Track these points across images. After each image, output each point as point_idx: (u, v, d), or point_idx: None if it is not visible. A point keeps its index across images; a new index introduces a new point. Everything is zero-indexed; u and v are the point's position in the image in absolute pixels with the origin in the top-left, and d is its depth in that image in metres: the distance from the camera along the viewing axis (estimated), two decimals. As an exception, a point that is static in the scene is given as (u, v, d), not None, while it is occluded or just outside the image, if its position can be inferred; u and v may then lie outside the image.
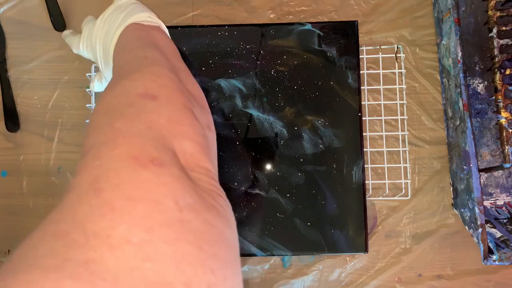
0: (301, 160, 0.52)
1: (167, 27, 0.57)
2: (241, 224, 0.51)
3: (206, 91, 0.53)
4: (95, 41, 0.43)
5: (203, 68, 0.53)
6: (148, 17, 0.41)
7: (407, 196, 0.55)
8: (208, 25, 0.55)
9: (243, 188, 0.52)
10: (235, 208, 0.51)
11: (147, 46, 0.36)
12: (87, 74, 0.57)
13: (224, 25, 0.54)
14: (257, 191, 0.51)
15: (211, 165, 0.29)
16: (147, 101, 0.28)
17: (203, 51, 0.54)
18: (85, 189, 0.23)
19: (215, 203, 0.26)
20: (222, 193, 0.29)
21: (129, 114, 0.27)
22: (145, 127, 0.26)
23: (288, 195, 0.51)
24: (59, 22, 0.59)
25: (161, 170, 0.24)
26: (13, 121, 0.58)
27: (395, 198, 0.55)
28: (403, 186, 0.55)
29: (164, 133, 0.27)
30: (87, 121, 0.56)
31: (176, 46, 0.54)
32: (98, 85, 0.47)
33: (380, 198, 0.56)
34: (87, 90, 0.57)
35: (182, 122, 0.28)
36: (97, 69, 0.56)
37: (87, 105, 0.56)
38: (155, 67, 0.32)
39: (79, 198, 0.22)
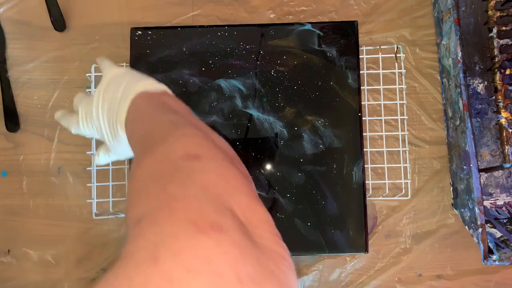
0: (301, 160, 0.52)
1: (167, 27, 0.57)
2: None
3: (206, 92, 0.53)
4: (97, 117, 0.42)
5: (203, 69, 0.53)
6: (152, 84, 0.40)
7: (407, 196, 0.55)
8: (208, 25, 0.55)
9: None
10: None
11: (165, 111, 0.36)
12: (87, 75, 0.57)
13: (224, 25, 0.54)
14: (257, 191, 0.51)
15: (269, 215, 0.29)
16: (192, 162, 0.28)
17: (203, 51, 0.54)
18: (143, 256, 0.22)
19: (277, 269, 0.26)
20: (285, 251, 0.28)
21: (180, 178, 0.26)
22: (199, 189, 0.26)
23: (288, 195, 0.51)
24: (59, 22, 0.59)
25: (221, 237, 0.23)
26: (13, 121, 0.58)
27: (395, 198, 0.55)
28: (403, 186, 0.55)
29: (218, 191, 0.26)
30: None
31: (176, 47, 0.54)
32: (104, 158, 0.45)
33: (380, 198, 0.56)
34: (87, 90, 0.57)
35: (231, 177, 0.28)
36: (98, 144, 0.53)
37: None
38: (185, 129, 0.32)
39: (136, 266, 0.22)
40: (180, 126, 0.32)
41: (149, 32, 0.54)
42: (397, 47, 0.57)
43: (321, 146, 0.52)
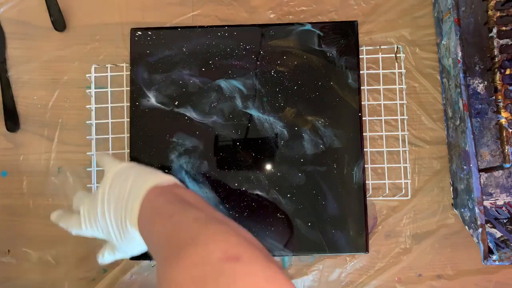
0: (301, 160, 0.52)
1: (167, 27, 0.57)
2: (242, 225, 0.51)
3: (206, 92, 0.53)
4: (102, 216, 0.40)
5: (203, 69, 0.53)
6: (161, 177, 0.40)
7: (407, 196, 0.55)
8: (208, 26, 0.55)
9: (243, 189, 0.52)
10: (236, 209, 0.51)
11: (185, 207, 0.35)
12: (87, 75, 0.57)
13: (224, 26, 0.54)
14: (257, 191, 0.51)
15: None
16: (233, 264, 0.27)
17: (203, 51, 0.54)
18: None
19: None
20: None
21: (225, 284, 0.26)
22: None
23: (288, 195, 0.51)
24: (59, 22, 0.59)
25: None
26: (13, 121, 0.58)
27: (395, 198, 0.55)
28: (403, 186, 0.55)
29: None
30: (88, 122, 0.56)
31: (176, 48, 0.54)
32: (109, 257, 0.43)
33: (380, 198, 0.56)
34: (87, 91, 0.57)
35: (276, 277, 0.28)
36: (105, 244, 0.48)
37: (87, 106, 0.56)
38: (213, 226, 0.31)
39: None
40: (207, 224, 0.32)
41: (149, 33, 0.54)
42: (397, 47, 0.57)
43: (321, 146, 0.52)
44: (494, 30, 0.52)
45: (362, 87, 0.55)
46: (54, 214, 0.45)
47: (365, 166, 0.53)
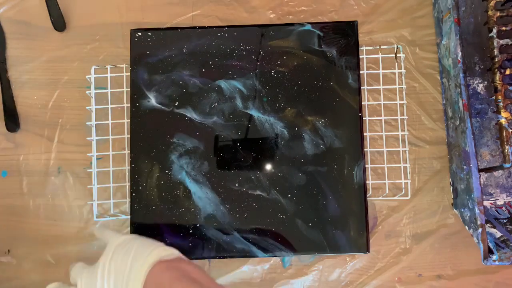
0: (302, 160, 0.52)
1: (167, 28, 0.57)
2: (243, 225, 0.51)
3: (206, 93, 0.53)
4: None
5: (203, 69, 0.53)
6: (165, 251, 0.39)
7: (407, 196, 0.55)
8: (207, 26, 0.54)
9: (244, 189, 0.52)
10: (237, 209, 0.51)
11: (192, 285, 0.36)
12: (87, 77, 0.57)
13: (224, 26, 0.54)
14: (258, 192, 0.51)
15: None
16: None
17: (203, 52, 0.54)
18: None
19: None
20: None
21: None
22: None
23: (289, 195, 0.51)
24: (59, 22, 0.59)
25: None
26: (13, 121, 0.58)
27: (395, 198, 0.55)
28: (403, 186, 0.55)
29: None
30: (88, 123, 0.56)
31: (176, 48, 0.54)
32: None
33: (380, 198, 0.56)
34: (87, 92, 0.57)
35: None
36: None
37: (87, 107, 0.56)
38: None
39: None
40: None
41: (149, 34, 0.54)
42: (397, 47, 0.57)
43: (321, 146, 0.52)
44: (494, 30, 0.52)
45: (362, 87, 0.55)
46: (51, 286, 0.43)
47: (365, 166, 0.53)
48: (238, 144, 0.52)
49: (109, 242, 0.42)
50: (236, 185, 0.52)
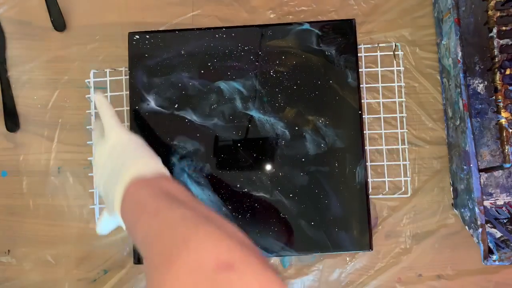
0: (303, 160, 0.52)
1: (165, 30, 0.56)
2: (246, 226, 0.51)
3: (206, 94, 0.53)
4: (99, 183, 0.41)
5: (203, 71, 0.53)
6: (146, 165, 0.38)
7: (407, 193, 0.55)
8: (206, 28, 0.54)
9: (246, 190, 0.51)
10: (239, 210, 0.51)
11: (172, 204, 0.33)
12: (86, 81, 0.57)
13: (222, 27, 0.54)
14: (260, 193, 0.51)
15: None
16: (228, 274, 0.26)
17: (202, 53, 0.54)
18: None
19: None
20: None
21: None
22: None
23: (291, 195, 0.51)
24: (59, 22, 0.59)
25: None
26: (13, 121, 0.58)
27: (395, 196, 0.55)
28: (403, 184, 0.55)
29: None
30: (88, 127, 0.56)
31: (175, 50, 0.54)
32: (106, 223, 0.43)
33: (380, 196, 0.56)
34: (87, 96, 0.57)
35: (271, 279, 0.27)
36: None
37: (87, 111, 0.56)
38: (204, 228, 0.30)
39: None
40: (197, 225, 0.30)
41: (147, 36, 0.54)
42: (395, 45, 0.57)
43: (322, 146, 0.52)
44: (494, 30, 0.52)
45: (361, 86, 0.55)
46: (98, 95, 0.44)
47: (366, 164, 0.53)
48: (239, 145, 0.52)
49: (109, 132, 0.42)
50: (238, 186, 0.52)
